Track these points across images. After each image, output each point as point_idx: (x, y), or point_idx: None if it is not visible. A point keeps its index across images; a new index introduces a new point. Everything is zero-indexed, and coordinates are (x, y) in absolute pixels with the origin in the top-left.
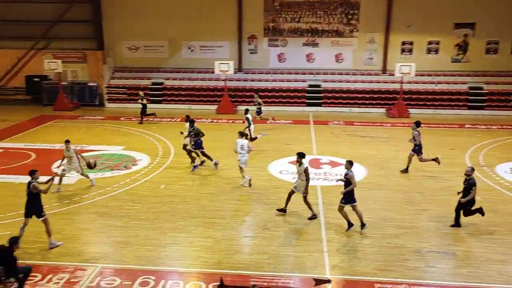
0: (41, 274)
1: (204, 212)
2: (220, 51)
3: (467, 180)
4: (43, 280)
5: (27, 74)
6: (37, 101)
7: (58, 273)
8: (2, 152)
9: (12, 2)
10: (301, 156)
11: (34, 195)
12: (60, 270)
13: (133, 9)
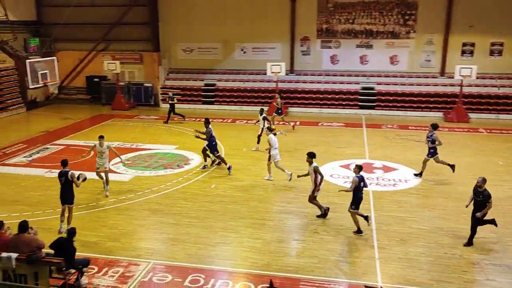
0: (97, 267)
1: (254, 213)
2: (272, 52)
3: (481, 193)
4: (100, 272)
5: (88, 75)
6: (96, 100)
7: (114, 266)
8: (64, 148)
9: (75, 6)
10: (311, 156)
11: (70, 184)
12: (115, 264)
13: (188, 12)
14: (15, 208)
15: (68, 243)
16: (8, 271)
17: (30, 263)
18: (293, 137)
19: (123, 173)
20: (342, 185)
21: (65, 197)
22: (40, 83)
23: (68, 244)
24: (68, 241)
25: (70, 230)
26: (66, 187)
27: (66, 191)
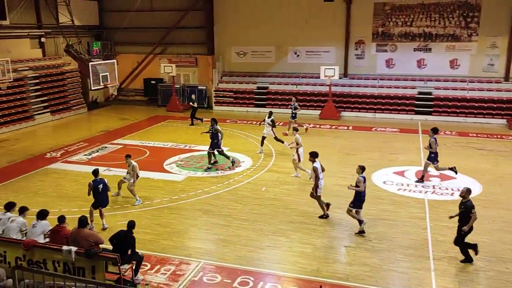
0: (150, 264)
1: (304, 217)
2: (326, 56)
3: (463, 203)
4: (152, 270)
5: (145, 77)
6: (153, 102)
7: (165, 264)
8: (121, 148)
9: (135, 11)
10: (313, 155)
11: (107, 190)
12: (167, 262)
13: (243, 16)
14: (75, 203)
15: (127, 235)
16: (68, 263)
17: (88, 257)
18: (346, 142)
19: (177, 173)
20: (396, 192)
21: (104, 203)
22: (101, 85)
23: (127, 236)
24: (127, 234)
25: (129, 223)
26: (104, 194)
27: (103, 198)
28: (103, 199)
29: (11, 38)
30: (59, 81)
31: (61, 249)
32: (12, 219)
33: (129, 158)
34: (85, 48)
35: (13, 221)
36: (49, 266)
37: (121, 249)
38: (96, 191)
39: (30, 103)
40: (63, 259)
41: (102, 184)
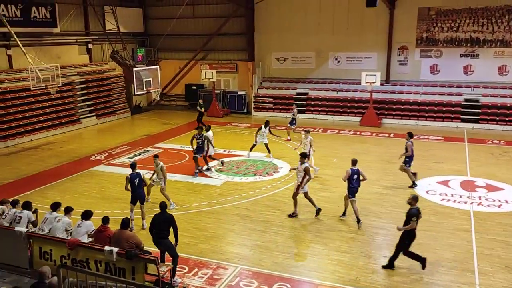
0: (188, 267)
1: (343, 225)
2: (367, 62)
3: (408, 210)
4: (190, 273)
5: (187, 83)
6: (193, 107)
7: (203, 268)
8: (162, 151)
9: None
10: (303, 156)
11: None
12: (205, 266)
13: (283, 23)
14: (117, 205)
15: (163, 215)
16: (109, 263)
17: (129, 258)
18: (387, 149)
19: (215, 178)
20: (439, 203)
21: (141, 197)
22: (144, 90)
23: (163, 215)
24: (162, 214)
25: (161, 204)
26: (140, 188)
27: (140, 192)
28: (139, 193)
29: (61, 45)
30: (104, 86)
31: (103, 249)
32: (58, 219)
33: (157, 158)
34: (129, 54)
35: (59, 220)
36: (91, 265)
37: (162, 232)
38: (133, 185)
39: (77, 107)
40: (105, 259)
41: (138, 178)
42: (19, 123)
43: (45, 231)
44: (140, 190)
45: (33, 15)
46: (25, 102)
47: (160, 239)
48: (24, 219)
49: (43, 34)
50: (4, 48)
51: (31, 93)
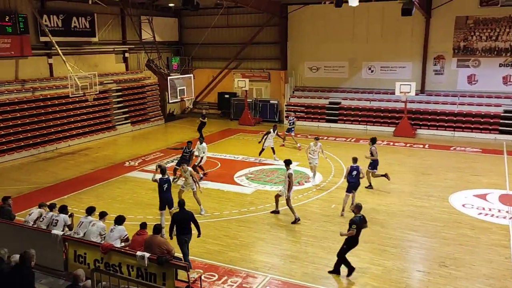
0: (217, 275)
1: (375, 238)
2: (401, 71)
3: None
4: (219, 280)
5: (219, 91)
6: (226, 115)
7: (232, 276)
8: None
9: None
10: (288, 163)
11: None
12: (234, 274)
13: (316, 32)
14: (150, 211)
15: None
16: (141, 268)
17: (160, 263)
18: (421, 161)
19: (246, 186)
20: (476, 217)
21: (170, 202)
22: (178, 98)
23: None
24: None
25: (179, 201)
26: (168, 193)
27: (168, 196)
28: (167, 197)
29: (99, 54)
30: (139, 94)
31: (136, 254)
32: (93, 223)
33: (185, 164)
34: (164, 63)
35: (93, 225)
36: (123, 270)
37: (185, 228)
38: (161, 189)
39: (113, 114)
40: (136, 264)
41: (167, 183)
42: (57, 129)
43: (80, 234)
44: (169, 195)
45: (74, 25)
46: (64, 109)
47: (183, 235)
48: (60, 223)
49: (82, 43)
50: (45, 56)
51: (70, 100)
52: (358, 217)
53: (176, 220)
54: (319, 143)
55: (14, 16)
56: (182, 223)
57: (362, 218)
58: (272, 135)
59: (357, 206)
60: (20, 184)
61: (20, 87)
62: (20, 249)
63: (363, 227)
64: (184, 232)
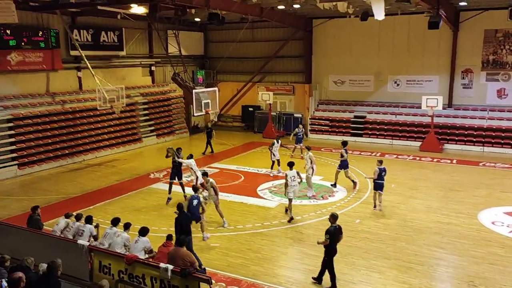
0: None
1: (401, 254)
2: (428, 85)
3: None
4: None
5: (243, 104)
6: (249, 128)
7: None
8: (218, 171)
9: (238, 42)
10: (205, 174)
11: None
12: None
13: (341, 45)
14: (173, 223)
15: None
16: (164, 280)
17: (183, 276)
18: (448, 176)
19: (269, 200)
20: (507, 235)
21: (197, 218)
22: (203, 111)
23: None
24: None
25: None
26: (196, 210)
27: (196, 211)
28: (194, 213)
29: (126, 67)
30: (165, 106)
31: (159, 266)
32: (118, 234)
33: (207, 176)
34: (190, 76)
35: (118, 236)
36: (147, 281)
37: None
38: (190, 205)
39: (139, 127)
40: (160, 276)
41: (197, 200)
42: (85, 141)
43: (105, 245)
44: (195, 210)
45: (102, 39)
46: (92, 121)
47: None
48: (86, 233)
49: (110, 57)
50: (75, 70)
51: (98, 113)
52: (333, 227)
53: (180, 223)
54: (309, 153)
55: (46, 32)
56: (183, 225)
57: (337, 228)
58: (276, 146)
59: (332, 215)
60: (48, 194)
61: (50, 100)
62: (48, 258)
63: (339, 238)
64: (187, 233)
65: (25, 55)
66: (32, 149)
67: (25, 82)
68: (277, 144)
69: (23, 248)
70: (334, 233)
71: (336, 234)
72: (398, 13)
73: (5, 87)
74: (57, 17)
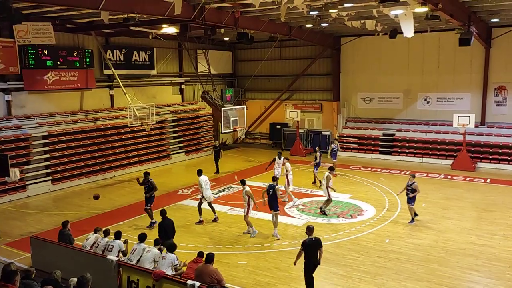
0: None
1: (433, 276)
2: (459, 103)
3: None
4: None
5: (271, 122)
6: (277, 145)
7: None
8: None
9: (266, 60)
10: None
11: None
12: None
13: (370, 63)
14: (201, 239)
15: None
16: None
17: None
18: (482, 196)
19: (297, 218)
20: None
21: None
22: (231, 128)
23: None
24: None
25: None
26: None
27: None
28: (271, 203)
29: (156, 85)
30: (194, 124)
31: (186, 283)
32: (147, 250)
33: (244, 183)
34: (219, 94)
35: (148, 251)
36: None
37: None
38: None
39: (168, 144)
40: None
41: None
42: (116, 157)
43: (133, 261)
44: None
45: (134, 59)
46: (123, 138)
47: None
48: (115, 248)
49: (142, 75)
50: (107, 88)
51: (128, 130)
52: (309, 239)
53: (163, 228)
54: (287, 163)
55: (81, 52)
56: (166, 230)
57: (314, 241)
58: (278, 162)
59: (308, 228)
60: (80, 209)
61: (83, 117)
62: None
63: (319, 251)
64: (168, 237)
65: (61, 74)
66: (65, 165)
67: (60, 100)
68: (279, 160)
69: (55, 262)
70: (309, 245)
71: (313, 247)
72: (427, 30)
73: (41, 105)
74: (91, 37)
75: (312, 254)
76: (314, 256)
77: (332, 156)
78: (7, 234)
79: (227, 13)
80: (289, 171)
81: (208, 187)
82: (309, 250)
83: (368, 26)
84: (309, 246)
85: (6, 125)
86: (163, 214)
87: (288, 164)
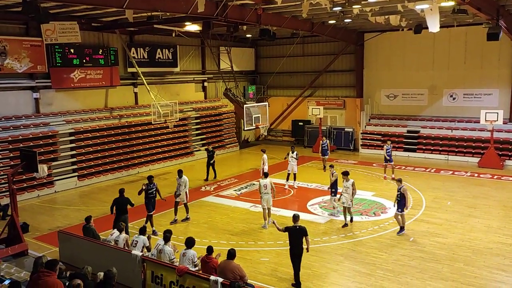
0: None
1: (458, 276)
2: (487, 99)
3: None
4: None
5: (293, 119)
6: (299, 143)
7: None
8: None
9: (288, 56)
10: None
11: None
12: None
13: (394, 59)
14: (223, 236)
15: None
16: None
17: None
18: (511, 194)
19: (319, 215)
20: None
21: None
22: (253, 125)
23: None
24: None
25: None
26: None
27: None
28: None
29: (180, 83)
30: (216, 121)
31: (209, 278)
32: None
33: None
34: (241, 91)
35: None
36: None
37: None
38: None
39: (191, 140)
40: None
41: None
42: (140, 154)
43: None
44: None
45: (158, 57)
46: (147, 135)
47: (122, 215)
48: (140, 244)
49: (165, 73)
50: (131, 86)
51: (152, 127)
52: (293, 226)
53: (119, 203)
54: (351, 180)
55: (106, 50)
56: (120, 204)
57: (297, 229)
58: (291, 155)
59: (293, 216)
60: (105, 205)
61: (108, 115)
62: (102, 266)
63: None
64: (123, 213)
65: (86, 72)
66: (91, 161)
67: (85, 98)
68: (292, 154)
69: (80, 256)
70: (292, 232)
71: (295, 234)
72: (454, 24)
73: (68, 102)
74: (116, 36)
75: (296, 242)
76: (298, 244)
77: (388, 158)
78: (36, 228)
79: (250, 10)
80: (265, 163)
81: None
82: (293, 237)
83: (392, 22)
84: (293, 233)
85: (34, 122)
86: (121, 193)
87: (264, 156)
